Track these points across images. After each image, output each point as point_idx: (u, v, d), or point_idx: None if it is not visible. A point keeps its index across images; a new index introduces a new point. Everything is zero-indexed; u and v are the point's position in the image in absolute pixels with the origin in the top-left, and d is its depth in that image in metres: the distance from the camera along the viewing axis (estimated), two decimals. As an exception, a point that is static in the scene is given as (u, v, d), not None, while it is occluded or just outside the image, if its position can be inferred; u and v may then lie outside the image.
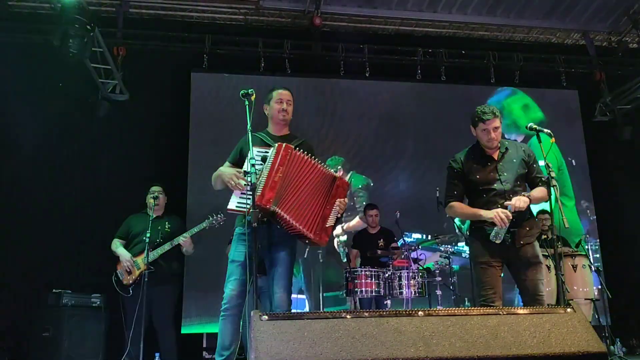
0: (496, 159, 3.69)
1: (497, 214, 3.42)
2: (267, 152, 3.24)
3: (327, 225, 3.29)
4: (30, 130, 6.89)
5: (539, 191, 3.59)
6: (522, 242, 3.56)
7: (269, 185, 3.14)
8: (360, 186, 7.74)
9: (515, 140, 5.75)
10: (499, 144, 3.71)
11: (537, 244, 3.65)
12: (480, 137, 3.70)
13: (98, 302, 5.72)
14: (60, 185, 6.83)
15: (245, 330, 3.48)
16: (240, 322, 3.33)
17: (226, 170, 3.37)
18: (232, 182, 3.26)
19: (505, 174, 3.63)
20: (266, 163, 3.21)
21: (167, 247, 5.12)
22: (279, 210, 3.18)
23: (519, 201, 3.46)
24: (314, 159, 3.36)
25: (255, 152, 3.25)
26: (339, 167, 7.77)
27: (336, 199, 3.31)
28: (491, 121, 3.61)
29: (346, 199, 3.37)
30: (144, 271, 4.95)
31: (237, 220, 3.46)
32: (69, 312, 5.50)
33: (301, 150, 3.34)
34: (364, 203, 7.10)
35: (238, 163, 3.46)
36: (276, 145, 3.28)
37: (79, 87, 6.87)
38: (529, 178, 3.71)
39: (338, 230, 7.53)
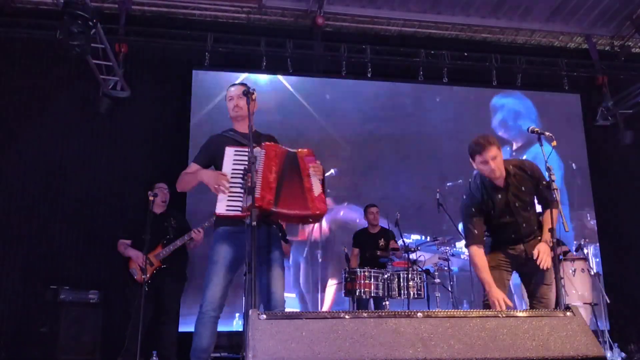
0: (504, 187, 3.53)
1: (497, 302, 3.36)
2: (246, 152, 3.14)
3: (315, 195, 3.22)
4: (31, 126, 6.89)
5: (548, 216, 3.49)
6: (530, 256, 3.56)
7: (267, 187, 3.09)
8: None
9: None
10: (503, 173, 3.52)
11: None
12: (481, 170, 3.52)
13: (96, 298, 5.71)
14: (59, 181, 6.82)
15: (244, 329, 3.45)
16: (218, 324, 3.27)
17: (208, 172, 3.27)
18: (216, 186, 3.15)
19: (516, 204, 3.55)
20: (257, 163, 3.13)
21: (179, 243, 5.10)
22: (279, 210, 3.13)
23: (546, 256, 3.41)
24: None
25: (233, 151, 3.22)
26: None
27: (308, 169, 3.25)
28: (487, 151, 3.40)
29: (316, 161, 3.31)
30: (157, 267, 4.95)
31: (219, 219, 3.33)
32: (66, 308, 5.49)
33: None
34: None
35: (207, 164, 3.40)
36: (263, 145, 3.22)
37: (80, 83, 6.87)
38: (538, 198, 3.66)
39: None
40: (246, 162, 3.03)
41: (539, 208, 3.73)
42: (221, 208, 3.15)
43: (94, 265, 6.42)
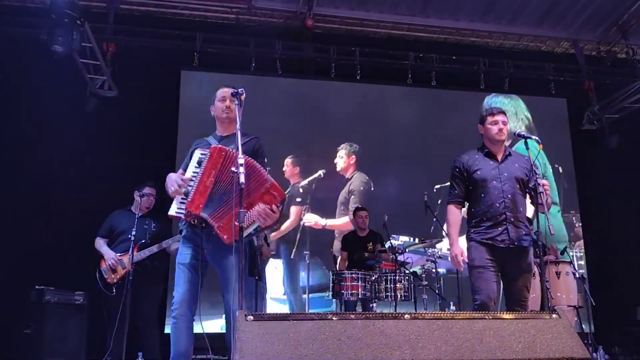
0: (499, 160, 3.78)
1: (455, 259, 3.65)
2: (205, 156, 3.16)
3: (235, 223, 2.93)
4: (17, 125, 6.82)
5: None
6: (516, 244, 3.58)
7: (199, 191, 3.09)
8: (361, 188, 7.77)
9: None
10: (504, 145, 3.84)
11: (532, 251, 3.67)
12: (489, 130, 3.78)
13: (81, 300, 5.65)
14: (46, 181, 6.75)
15: (229, 331, 3.43)
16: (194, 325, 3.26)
17: (171, 176, 3.26)
18: (172, 188, 3.17)
19: (505, 174, 3.71)
20: (200, 167, 3.16)
21: (155, 249, 5.06)
22: (208, 218, 3.10)
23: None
24: (256, 160, 3.19)
25: (199, 154, 3.23)
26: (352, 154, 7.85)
27: (258, 202, 3.09)
28: (500, 114, 3.78)
29: (273, 208, 3.08)
30: (129, 270, 4.89)
31: (180, 223, 3.37)
32: (51, 309, 5.43)
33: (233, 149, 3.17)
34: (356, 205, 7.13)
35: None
36: (211, 147, 3.22)
37: (67, 82, 6.80)
38: (528, 187, 3.76)
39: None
40: (241, 163, 3.00)
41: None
42: (172, 210, 3.19)
43: (79, 266, 6.34)
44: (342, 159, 7.83)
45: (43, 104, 6.88)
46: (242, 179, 2.87)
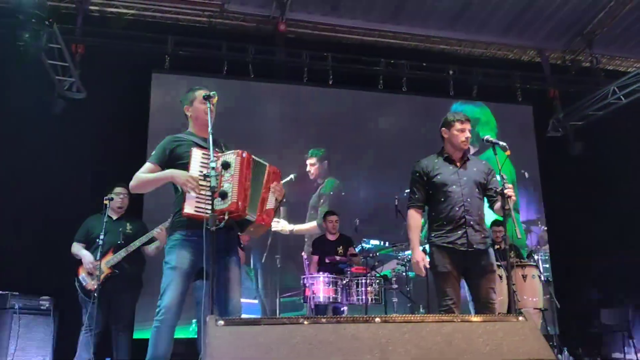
0: (459, 165, 3.83)
1: (417, 265, 3.71)
2: (215, 156, 3.14)
3: (267, 208, 3.30)
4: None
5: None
6: (474, 247, 3.65)
7: (242, 194, 3.10)
8: (331, 192, 7.80)
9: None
10: (465, 151, 3.89)
11: (492, 252, 3.75)
12: (455, 137, 3.82)
13: (47, 305, 5.53)
14: (11, 184, 6.60)
15: (199, 336, 3.41)
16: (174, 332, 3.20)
17: (181, 171, 3.19)
18: (190, 185, 3.12)
19: (465, 178, 3.77)
20: (231, 170, 3.13)
21: (130, 248, 4.99)
22: (252, 217, 3.17)
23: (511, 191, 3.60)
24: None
25: (200, 154, 3.21)
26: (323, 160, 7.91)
27: (270, 184, 3.34)
28: (467, 123, 3.84)
29: (281, 184, 3.44)
30: (107, 274, 4.82)
31: (176, 224, 3.27)
32: (16, 315, 5.31)
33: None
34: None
35: (166, 165, 3.31)
36: (236, 152, 3.22)
37: (35, 83, 6.67)
38: (485, 190, 3.82)
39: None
40: (212, 166, 3.01)
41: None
42: (189, 208, 3.12)
43: (46, 270, 6.23)
44: (315, 165, 7.87)
45: (9, 106, 6.73)
46: (225, 182, 2.99)
